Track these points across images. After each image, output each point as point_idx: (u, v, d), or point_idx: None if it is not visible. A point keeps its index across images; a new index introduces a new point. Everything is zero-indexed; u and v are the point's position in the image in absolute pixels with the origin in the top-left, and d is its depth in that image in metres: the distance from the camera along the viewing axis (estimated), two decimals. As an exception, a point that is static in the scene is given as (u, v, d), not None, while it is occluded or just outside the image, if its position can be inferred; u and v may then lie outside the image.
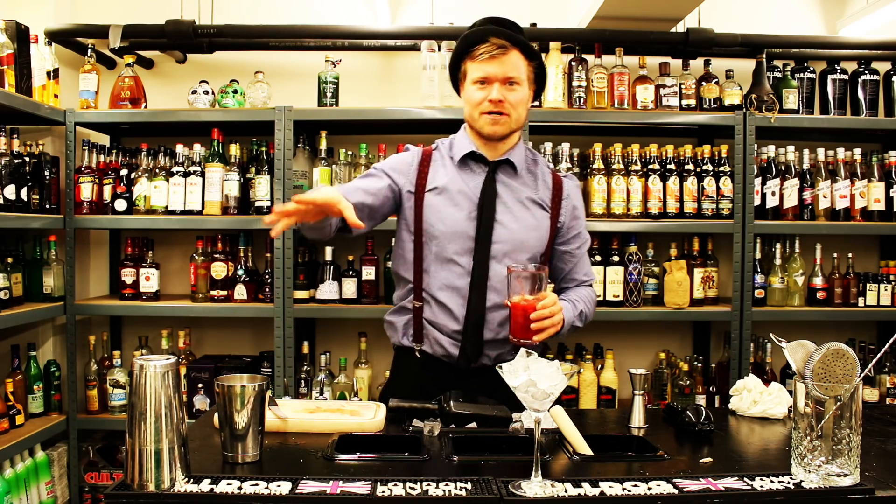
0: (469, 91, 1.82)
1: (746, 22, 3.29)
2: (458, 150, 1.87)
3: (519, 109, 1.81)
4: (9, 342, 2.90)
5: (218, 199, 2.98)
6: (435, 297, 1.82)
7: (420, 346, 1.87)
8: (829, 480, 1.23)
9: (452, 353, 1.83)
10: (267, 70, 3.13)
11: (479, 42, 1.77)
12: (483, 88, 1.79)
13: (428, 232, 1.82)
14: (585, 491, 1.21)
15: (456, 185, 1.84)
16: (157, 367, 1.21)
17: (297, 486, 1.21)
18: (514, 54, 1.78)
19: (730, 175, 3.00)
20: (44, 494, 2.83)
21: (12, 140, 2.76)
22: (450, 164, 1.87)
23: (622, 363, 3.22)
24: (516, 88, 1.79)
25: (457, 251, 1.81)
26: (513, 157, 1.87)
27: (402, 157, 1.92)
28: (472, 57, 1.79)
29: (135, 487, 1.19)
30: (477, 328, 1.80)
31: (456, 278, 1.81)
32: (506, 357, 1.85)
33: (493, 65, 1.76)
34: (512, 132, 1.84)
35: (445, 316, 1.82)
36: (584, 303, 1.89)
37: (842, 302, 3.10)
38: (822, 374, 1.34)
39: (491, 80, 1.77)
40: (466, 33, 1.82)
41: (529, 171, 1.92)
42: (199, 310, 3.00)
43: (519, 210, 1.85)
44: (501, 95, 1.77)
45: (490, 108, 1.78)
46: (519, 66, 1.78)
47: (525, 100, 1.83)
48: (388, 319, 1.95)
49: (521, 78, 1.79)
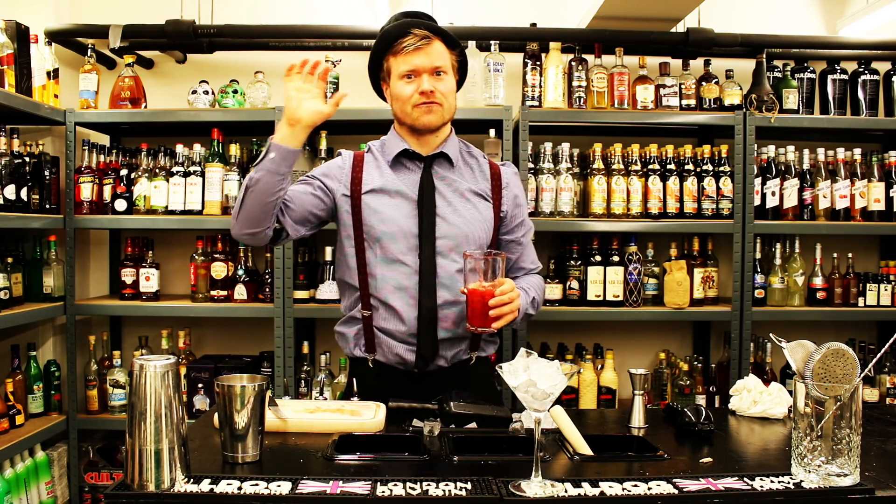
0: (397, 87, 1.79)
1: (746, 22, 3.29)
2: (390, 150, 1.85)
3: (450, 99, 1.80)
4: (9, 342, 2.90)
5: (218, 199, 2.98)
6: (384, 302, 1.78)
7: (373, 356, 1.84)
8: (829, 480, 1.23)
9: (407, 359, 1.80)
10: (267, 70, 3.13)
11: (401, 36, 1.75)
12: (411, 82, 1.77)
13: (369, 234, 1.79)
14: (585, 491, 1.21)
15: (393, 184, 1.81)
16: (156, 368, 1.20)
17: (297, 486, 1.21)
18: (438, 44, 1.77)
19: (730, 175, 3.00)
20: (44, 494, 2.83)
21: (12, 140, 2.76)
22: (384, 165, 1.84)
23: (622, 363, 3.22)
24: (444, 78, 1.78)
25: (401, 250, 1.77)
26: (447, 150, 1.85)
27: (332, 162, 1.90)
28: (396, 52, 1.77)
29: (135, 487, 1.19)
30: (431, 327, 1.77)
31: (404, 278, 1.77)
32: (461, 356, 1.84)
33: (419, 56, 1.74)
34: (444, 122, 1.82)
35: (396, 320, 1.78)
36: (534, 290, 1.87)
37: (842, 302, 3.10)
38: (822, 374, 1.34)
39: (419, 71, 1.75)
40: (386, 29, 1.80)
41: (466, 162, 1.90)
42: (199, 310, 3.00)
43: (460, 203, 1.83)
44: (432, 86, 1.75)
45: (422, 100, 1.76)
46: (444, 56, 1.78)
47: (453, 90, 1.82)
48: (339, 330, 1.91)
49: (447, 67, 1.78)
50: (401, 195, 1.80)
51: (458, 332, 1.81)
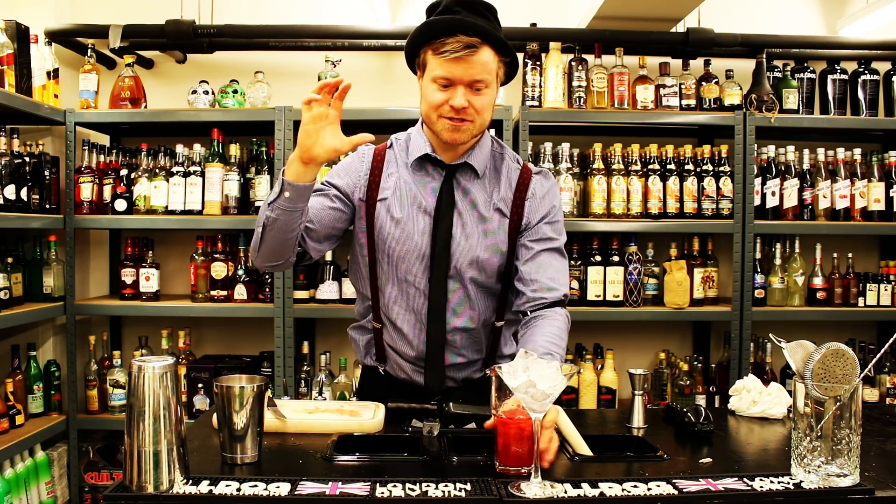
0: (428, 88, 1.57)
1: (746, 22, 3.28)
2: (413, 152, 1.68)
3: (485, 114, 1.58)
4: (9, 342, 2.90)
5: (218, 199, 2.98)
6: (393, 323, 1.70)
7: (384, 367, 1.78)
8: (828, 481, 1.23)
9: (415, 379, 1.73)
10: (267, 70, 3.13)
11: (445, 34, 1.50)
12: (444, 91, 1.54)
13: (380, 248, 1.67)
14: (585, 491, 1.21)
15: (410, 193, 1.66)
16: (155, 368, 1.20)
17: (296, 487, 1.20)
18: (486, 52, 1.52)
19: (730, 175, 3.00)
20: (44, 494, 2.83)
21: (12, 140, 2.76)
22: (403, 168, 1.69)
23: (622, 363, 3.22)
24: (484, 92, 1.55)
25: (412, 271, 1.65)
26: (472, 160, 1.66)
27: (351, 160, 1.73)
28: (436, 50, 1.52)
29: (133, 489, 1.19)
30: (438, 355, 1.67)
31: (412, 300, 1.67)
32: (474, 377, 1.77)
33: (459, 66, 1.51)
34: (474, 138, 1.63)
35: (404, 343, 1.70)
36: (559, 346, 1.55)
37: (842, 302, 3.10)
38: (821, 374, 1.33)
39: (455, 82, 1.53)
40: (431, 19, 1.55)
41: (496, 169, 1.70)
42: (199, 310, 3.00)
43: (475, 225, 1.66)
44: (465, 101, 1.53)
45: (451, 115, 1.55)
46: (489, 66, 1.53)
47: (491, 102, 1.59)
48: (352, 335, 1.85)
49: (490, 80, 1.54)
50: (417, 207, 1.66)
51: (471, 357, 1.74)
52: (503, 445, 1.31)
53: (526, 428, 1.28)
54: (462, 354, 1.72)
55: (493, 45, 1.53)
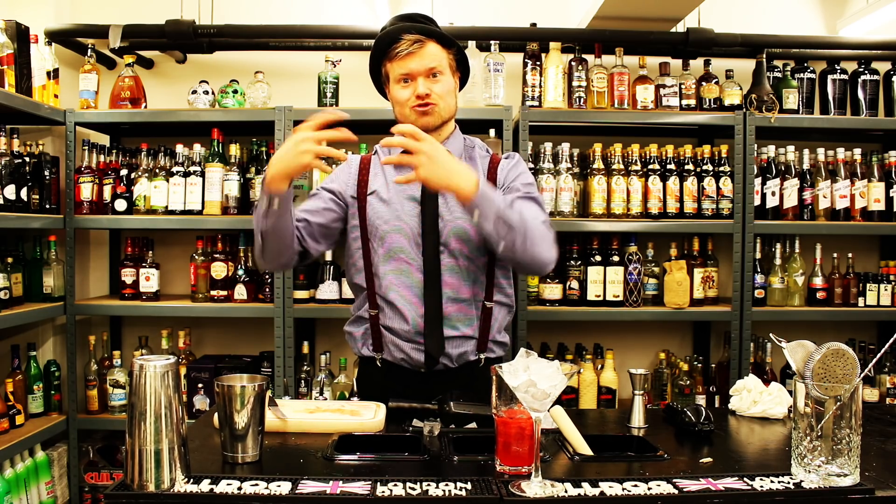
0: (395, 91, 1.82)
1: (746, 22, 3.29)
2: (394, 151, 1.85)
3: (447, 99, 1.81)
4: (9, 342, 2.90)
5: (218, 199, 2.98)
6: (390, 302, 1.80)
7: (381, 356, 1.86)
8: (828, 480, 1.23)
9: (414, 358, 1.80)
10: (267, 70, 3.13)
11: (394, 41, 1.78)
12: (407, 86, 1.80)
13: (374, 233, 1.82)
14: (585, 491, 1.21)
15: (396, 184, 1.81)
16: (156, 368, 1.20)
17: (297, 486, 1.21)
18: (432, 46, 1.79)
19: (730, 175, 3.00)
20: (44, 494, 2.83)
21: (12, 140, 2.76)
22: (388, 168, 1.86)
23: (622, 363, 3.22)
24: (440, 79, 1.80)
25: (404, 248, 1.80)
26: (448, 147, 1.81)
27: (341, 170, 1.93)
28: (391, 57, 1.80)
29: (134, 488, 1.19)
30: (436, 325, 1.78)
31: (408, 276, 1.79)
32: (469, 357, 1.84)
33: (413, 60, 1.77)
34: (444, 122, 1.84)
35: (401, 320, 1.80)
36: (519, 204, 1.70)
37: (842, 302, 3.10)
38: (822, 374, 1.34)
39: (413, 75, 1.78)
40: (379, 36, 1.83)
41: (470, 157, 1.90)
42: (199, 310, 3.00)
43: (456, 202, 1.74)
44: (427, 89, 1.78)
45: (417, 103, 1.79)
46: (438, 57, 1.79)
47: (451, 89, 1.84)
48: (347, 330, 1.94)
49: (442, 67, 1.80)
50: (404, 194, 1.82)
51: (464, 331, 1.82)
52: (503, 445, 1.32)
53: (526, 427, 1.30)
54: (456, 328, 1.81)
55: (436, 39, 1.80)
